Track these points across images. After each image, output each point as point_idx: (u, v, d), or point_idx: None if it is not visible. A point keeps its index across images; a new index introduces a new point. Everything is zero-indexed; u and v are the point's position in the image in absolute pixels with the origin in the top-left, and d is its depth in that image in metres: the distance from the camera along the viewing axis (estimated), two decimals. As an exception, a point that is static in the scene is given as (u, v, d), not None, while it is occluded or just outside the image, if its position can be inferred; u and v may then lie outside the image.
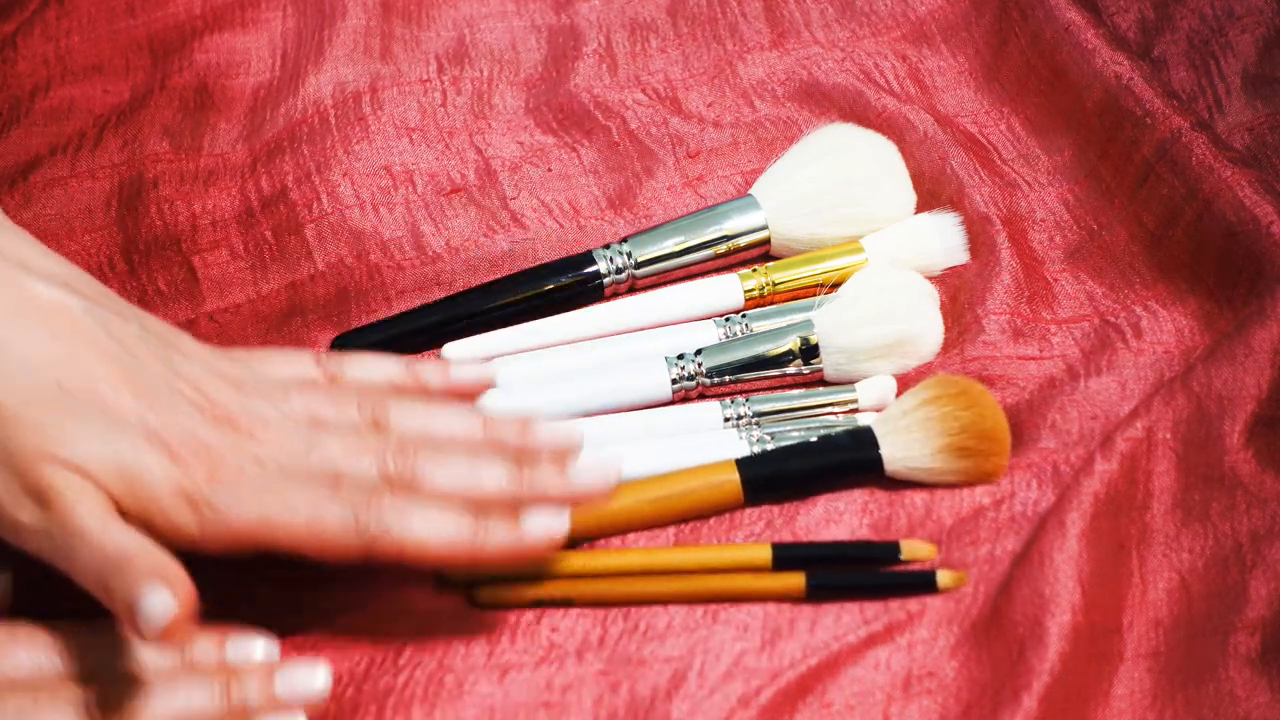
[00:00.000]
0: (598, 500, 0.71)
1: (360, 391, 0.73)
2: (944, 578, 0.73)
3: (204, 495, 0.67)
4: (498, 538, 0.69)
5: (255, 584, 0.74)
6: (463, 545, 0.68)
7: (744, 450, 0.79)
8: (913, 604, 0.73)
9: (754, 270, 0.87)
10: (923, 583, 0.73)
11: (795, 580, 0.73)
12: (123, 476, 0.66)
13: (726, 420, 0.81)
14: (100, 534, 0.65)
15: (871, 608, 0.73)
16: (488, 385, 0.75)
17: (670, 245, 0.88)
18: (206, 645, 0.69)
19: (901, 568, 0.75)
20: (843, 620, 0.73)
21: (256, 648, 0.70)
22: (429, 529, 0.68)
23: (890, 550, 0.75)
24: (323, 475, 0.69)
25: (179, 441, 0.67)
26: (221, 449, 0.68)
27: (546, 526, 0.69)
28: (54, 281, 0.69)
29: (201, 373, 0.70)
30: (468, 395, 0.76)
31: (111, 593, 0.64)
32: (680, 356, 0.83)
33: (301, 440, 0.70)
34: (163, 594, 0.63)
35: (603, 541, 0.77)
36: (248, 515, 0.67)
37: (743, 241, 0.88)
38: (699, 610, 0.73)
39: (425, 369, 0.75)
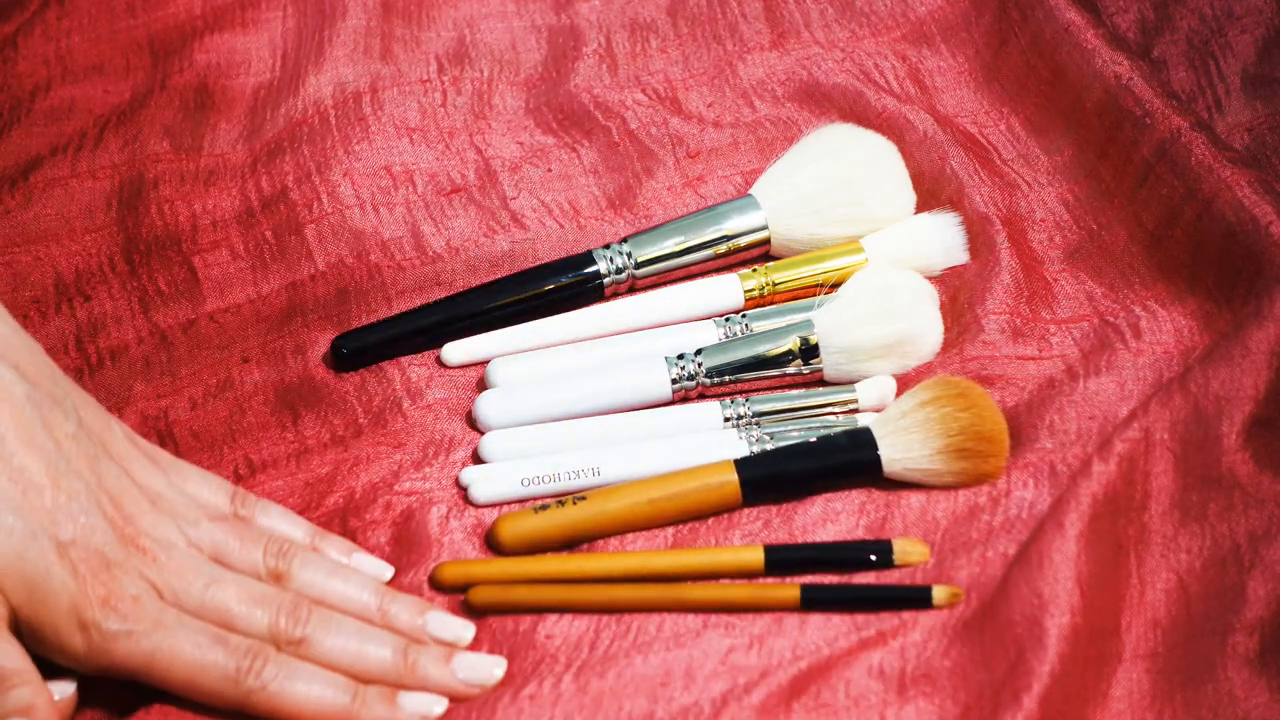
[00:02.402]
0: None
1: (269, 536, 0.73)
2: (939, 594, 0.73)
3: (96, 620, 0.67)
4: (373, 714, 0.69)
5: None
6: (338, 715, 0.69)
7: (744, 450, 0.79)
8: (906, 604, 0.73)
9: (754, 270, 0.87)
10: (918, 598, 0.73)
11: (790, 592, 0.73)
12: (26, 585, 0.67)
13: (726, 420, 0.81)
14: None
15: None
16: (384, 578, 0.75)
17: (670, 245, 0.88)
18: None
19: (897, 575, 0.75)
20: (833, 620, 0.73)
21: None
22: (306, 693, 0.69)
23: (883, 549, 0.75)
24: (214, 617, 0.70)
25: (85, 558, 0.68)
26: (123, 571, 0.68)
27: (423, 709, 0.70)
28: (5, 359, 0.69)
29: (123, 485, 0.70)
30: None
31: None
32: (680, 356, 0.83)
33: (202, 573, 0.70)
34: None
35: (601, 543, 0.77)
36: (133, 651, 0.68)
37: (743, 241, 0.88)
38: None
39: (330, 543, 0.75)
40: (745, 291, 0.87)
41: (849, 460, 0.77)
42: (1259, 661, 0.72)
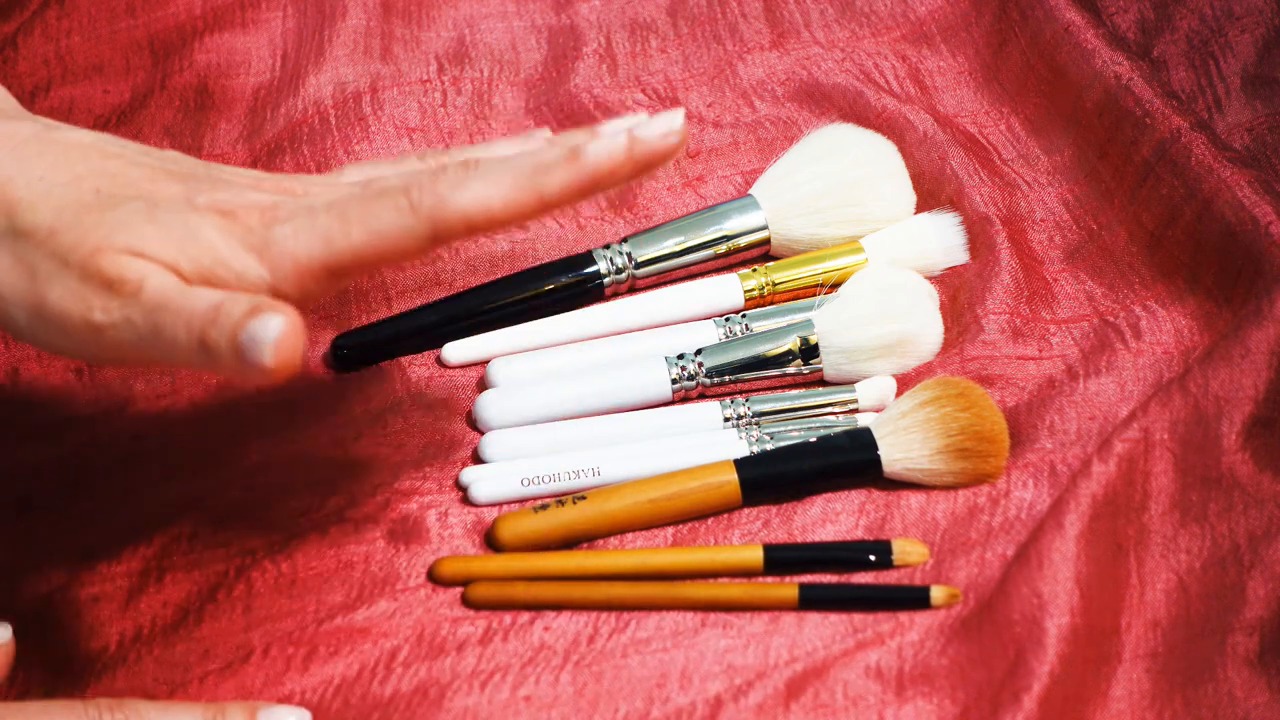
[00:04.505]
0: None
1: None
2: (938, 594, 0.73)
3: (261, 238, 0.65)
4: (559, 176, 0.65)
5: (253, 581, 0.74)
6: (526, 194, 0.65)
7: (743, 450, 0.79)
8: (905, 604, 0.73)
9: (754, 270, 0.87)
10: (916, 598, 0.73)
11: (788, 592, 0.73)
12: (180, 247, 0.64)
13: (726, 420, 0.81)
14: (180, 297, 0.63)
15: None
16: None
17: (670, 245, 0.88)
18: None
19: (895, 576, 0.75)
20: (831, 619, 0.73)
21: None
22: (487, 187, 0.64)
23: (883, 550, 0.75)
24: (376, 191, 0.66)
25: (227, 204, 0.66)
26: (271, 202, 0.66)
27: (609, 147, 0.65)
28: (81, 130, 0.68)
29: (234, 170, 0.69)
30: None
31: (213, 344, 0.62)
32: (680, 356, 0.83)
33: (343, 175, 0.70)
34: (270, 318, 0.61)
35: (600, 542, 0.77)
36: (308, 241, 0.65)
37: (743, 241, 0.88)
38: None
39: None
40: (745, 291, 0.87)
41: (849, 460, 0.77)
42: (1259, 661, 0.72)
